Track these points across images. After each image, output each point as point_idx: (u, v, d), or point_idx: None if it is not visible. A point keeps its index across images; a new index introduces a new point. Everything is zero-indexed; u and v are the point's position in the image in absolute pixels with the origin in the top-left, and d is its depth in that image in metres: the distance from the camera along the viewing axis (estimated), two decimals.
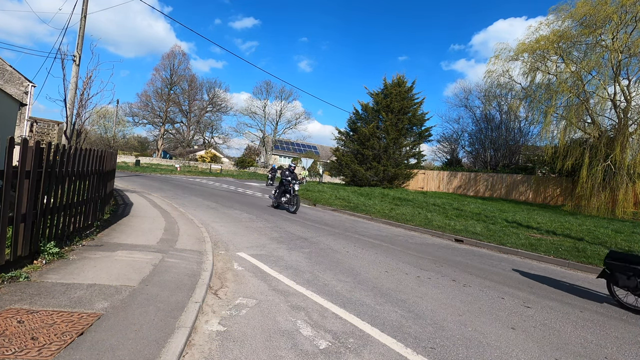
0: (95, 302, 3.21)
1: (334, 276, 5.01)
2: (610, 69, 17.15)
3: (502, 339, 3.38)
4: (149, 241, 5.73)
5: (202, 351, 2.72)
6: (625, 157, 15.99)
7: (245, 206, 12.43)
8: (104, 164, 6.61)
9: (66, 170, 4.72)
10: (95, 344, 2.51)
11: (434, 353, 2.99)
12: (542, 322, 3.92)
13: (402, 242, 8.24)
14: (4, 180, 3.35)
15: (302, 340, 3.03)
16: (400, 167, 26.67)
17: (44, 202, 4.15)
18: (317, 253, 6.35)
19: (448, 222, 11.19)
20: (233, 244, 6.49)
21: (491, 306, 4.31)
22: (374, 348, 2.99)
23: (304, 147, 61.81)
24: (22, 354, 2.30)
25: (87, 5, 12.14)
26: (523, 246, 8.19)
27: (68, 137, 11.78)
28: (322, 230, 8.84)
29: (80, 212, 5.38)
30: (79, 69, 11.87)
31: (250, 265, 5.22)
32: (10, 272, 3.54)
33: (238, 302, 3.79)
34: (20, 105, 14.90)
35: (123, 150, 55.26)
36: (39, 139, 6.11)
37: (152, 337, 2.70)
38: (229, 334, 3.04)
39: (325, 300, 4.03)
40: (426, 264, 6.23)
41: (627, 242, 8.98)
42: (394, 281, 5.01)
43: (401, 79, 27.98)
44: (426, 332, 3.40)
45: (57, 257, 4.28)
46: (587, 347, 3.38)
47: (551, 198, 21.87)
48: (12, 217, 3.60)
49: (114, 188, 10.93)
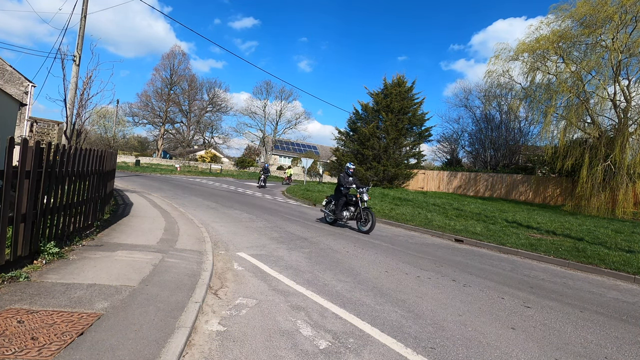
0: (95, 302, 3.21)
1: (334, 276, 5.01)
2: (610, 69, 17.15)
3: (502, 339, 3.37)
4: (149, 241, 5.73)
5: (202, 351, 2.72)
6: (625, 157, 15.98)
7: (245, 206, 12.42)
8: (104, 164, 6.60)
9: (66, 170, 4.71)
10: (95, 344, 2.51)
11: (434, 353, 2.99)
12: (542, 322, 3.91)
13: (402, 242, 8.24)
14: (4, 180, 3.35)
15: (302, 340, 3.03)
16: (400, 167, 26.68)
17: (44, 202, 4.15)
18: (317, 253, 6.35)
19: (448, 222, 11.19)
20: (233, 244, 6.49)
21: (491, 306, 4.31)
22: (374, 348, 2.99)
23: (304, 147, 61.80)
24: (22, 354, 2.30)
25: (87, 5, 12.14)
26: (523, 246, 8.19)
27: (68, 137, 11.78)
28: (322, 230, 8.84)
29: (80, 212, 5.38)
30: (79, 69, 11.87)
31: (250, 265, 5.22)
32: (10, 272, 3.53)
33: (238, 302, 3.79)
34: (20, 105, 14.90)
35: (123, 150, 55.25)
36: (39, 139, 6.11)
37: (152, 337, 2.69)
38: (229, 334, 3.04)
39: (325, 300, 4.03)
40: (426, 264, 6.23)
41: (627, 242, 8.98)
42: (394, 281, 5.01)
43: (401, 79, 28.00)
44: (426, 332, 3.40)
45: (57, 257, 4.28)
46: (587, 347, 3.38)
47: (551, 198, 21.87)
48: (12, 217, 3.60)
49: (114, 188, 10.93)
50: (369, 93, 29.18)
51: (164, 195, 13.38)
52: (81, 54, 11.94)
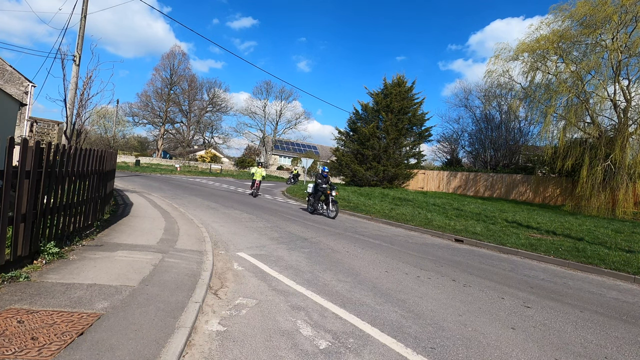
0: (95, 302, 3.21)
1: (334, 276, 5.01)
2: (610, 69, 17.16)
3: (502, 339, 3.37)
4: (149, 241, 5.73)
5: (202, 351, 2.72)
6: (625, 157, 15.98)
7: (245, 206, 12.42)
8: (104, 164, 6.60)
9: (66, 170, 4.71)
10: (95, 344, 2.51)
11: (434, 353, 2.99)
12: (542, 322, 3.91)
13: (402, 242, 8.24)
14: (4, 180, 3.35)
15: (302, 340, 3.03)
16: (400, 167, 26.68)
17: (44, 202, 4.15)
18: (317, 253, 6.35)
19: (448, 222, 11.19)
20: (233, 244, 6.49)
21: (491, 306, 4.31)
22: (374, 348, 2.99)
23: (304, 147, 61.80)
24: (22, 354, 2.30)
25: (87, 6, 12.14)
26: (523, 246, 8.18)
27: (68, 137, 11.78)
28: (322, 230, 8.84)
29: (80, 212, 5.38)
30: (79, 69, 11.86)
31: (250, 265, 5.22)
32: (11, 272, 3.54)
33: (238, 302, 3.79)
34: (20, 105, 14.90)
35: (123, 150, 55.24)
36: (39, 139, 6.10)
37: (152, 337, 2.69)
38: (229, 334, 3.04)
39: (325, 300, 4.03)
40: (426, 264, 6.23)
41: (627, 242, 8.98)
42: (394, 281, 5.01)
43: (401, 79, 28.00)
44: (426, 332, 3.40)
45: (57, 257, 4.28)
46: (587, 347, 3.38)
47: (551, 198, 21.87)
48: (12, 217, 3.60)
49: (114, 188, 10.93)
50: (368, 93, 29.21)
51: (164, 195, 13.38)
52: (81, 54, 11.94)
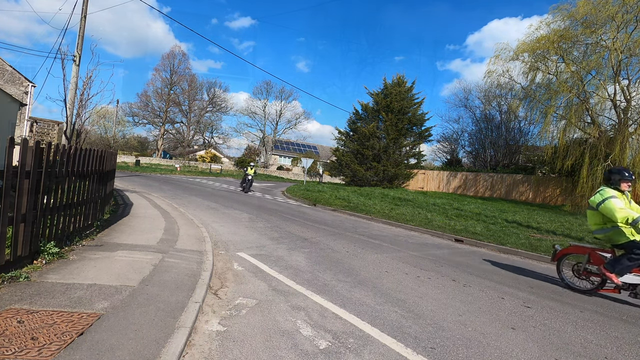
0: (95, 302, 3.21)
1: (333, 276, 5.01)
2: (610, 69, 17.15)
3: (502, 339, 3.37)
4: (149, 241, 5.73)
5: (202, 351, 2.72)
6: (625, 157, 15.98)
7: (245, 206, 12.42)
8: (104, 164, 6.60)
9: (66, 170, 4.71)
10: (95, 344, 2.51)
11: (434, 353, 2.99)
12: (542, 322, 3.91)
13: (402, 242, 8.24)
14: (4, 180, 3.35)
15: (302, 340, 3.03)
16: (400, 167, 26.68)
17: (44, 202, 4.15)
18: (317, 253, 6.35)
19: (448, 222, 11.19)
20: (233, 244, 6.49)
21: (491, 306, 4.31)
22: (374, 348, 2.99)
23: (304, 147, 61.78)
24: (22, 354, 2.30)
25: (87, 6, 12.14)
26: (523, 246, 8.18)
27: (68, 137, 11.78)
28: (322, 230, 8.84)
29: (80, 212, 5.38)
30: (79, 69, 11.87)
31: (250, 265, 5.22)
32: (10, 272, 3.53)
33: (238, 302, 3.79)
34: (20, 105, 14.90)
35: (123, 150, 55.21)
36: (39, 139, 6.06)
37: (152, 337, 2.69)
38: (229, 334, 3.04)
39: (325, 300, 4.03)
40: (426, 264, 6.22)
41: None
42: (394, 281, 5.00)
43: (401, 79, 28.01)
44: (426, 332, 3.39)
45: (57, 257, 4.28)
46: (587, 347, 3.38)
47: (551, 198, 21.87)
48: (12, 217, 3.60)
49: (114, 188, 10.92)
50: (368, 93, 29.22)
51: (164, 195, 13.39)
52: (81, 54, 11.94)
